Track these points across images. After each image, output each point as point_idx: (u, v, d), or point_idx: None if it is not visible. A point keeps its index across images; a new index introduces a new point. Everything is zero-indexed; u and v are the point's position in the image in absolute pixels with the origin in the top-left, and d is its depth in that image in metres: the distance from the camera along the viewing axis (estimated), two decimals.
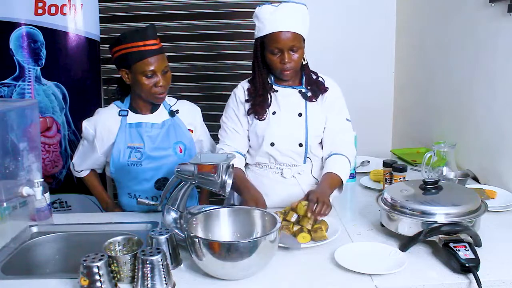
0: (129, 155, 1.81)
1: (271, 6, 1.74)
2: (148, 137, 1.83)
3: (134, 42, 1.72)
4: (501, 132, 2.02)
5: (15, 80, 2.55)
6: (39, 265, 1.66)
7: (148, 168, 1.82)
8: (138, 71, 1.73)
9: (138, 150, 1.80)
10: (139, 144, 1.81)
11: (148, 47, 1.72)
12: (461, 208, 1.49)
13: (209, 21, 3.10)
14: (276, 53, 1.74)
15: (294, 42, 1.72)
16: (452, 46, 2.44)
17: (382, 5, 3.14)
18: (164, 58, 1.78)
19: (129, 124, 1.83)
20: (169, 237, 1.41)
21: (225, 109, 1.93)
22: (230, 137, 1.89)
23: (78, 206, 2.71)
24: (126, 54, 1.74)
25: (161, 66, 1.75)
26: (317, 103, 1.86)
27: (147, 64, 1.72)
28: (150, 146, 1.82)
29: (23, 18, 2.50)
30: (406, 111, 3.13)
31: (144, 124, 1.84)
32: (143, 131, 1.83)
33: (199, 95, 3.09)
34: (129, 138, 1.82)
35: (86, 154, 1.94)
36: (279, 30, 1.70)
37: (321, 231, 1.53)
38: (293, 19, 1.72)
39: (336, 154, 1.83)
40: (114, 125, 1.83)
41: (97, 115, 1.89)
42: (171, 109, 1.89)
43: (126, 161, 1.81)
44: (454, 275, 1.34)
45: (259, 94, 1.83)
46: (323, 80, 1.88)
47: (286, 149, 1.84)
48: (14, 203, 1.66)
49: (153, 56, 1.73)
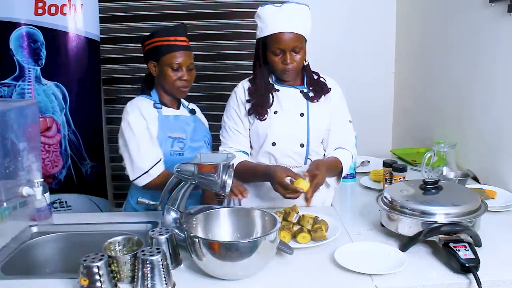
0: (172, 145, 1.85)
1: (273, 7, 1.73)
2: (188, 129, 1.91)
3: (165, 36, 1.83)
4: (501, 132, 2.02)
5: (15, 80, 2.55)
6: (39, 265, 1.66)
7: (188, 158, 1.84)
8: (166, 63, 1.83)
9: (180, 140, 1.87)
10: (181, 134, 1.88)
11: (178, 42, 1.84)
12: (461, 208, 1.48)
13: (209, 21, 3.11)
14: (278, 53, 1.74)
15: (296, 43, 1.71)
16: (452, 46, 2.44)
17: (382, 5, 3.14)
18: (190, 56, 1.88)
19: (166, 116, 1.89)
20: (169, 237, 1.40)
21: (226, 108, 1.93)
22: (233, 139, 1.88)
23: (78, 206, 2.71)
24: (156, 47, 1.84)
25: (187, 61, 1.85)
26: (320, 103, 1.85)
27: (175, 57, 1.82)
28: (190, 137, 1.90)
29: (23, 18, 2.51)
30: (406, 111, 3.13)
31: (182, 116, 1.93)
32: (183, 123, 1.91)
33: (199, 95, 3.09)
34: (168, 128, 1.87)
35: (145, 144, 1.81)
36: (282, 31, 1.70)
37: (321, 231, 1.53)
38: (296, 20, 1.71)
39: (340, 148, 1.88)
40: (154, 114, 1.87)
41: (135, 105, 1.85)
42: (190, 108, 2.01)
43: (169, 150, 1.85)
44: (454, 275, 1.34)
45: (260, 94, 1.83)
46: (325, 80, 1.89)
47: (287, 149, 1.84)
48: (14, 203, 1.66)
49: (180, 51, 1.83)
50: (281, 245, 1.41)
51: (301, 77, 1.87)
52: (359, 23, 3.14)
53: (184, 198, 1.58)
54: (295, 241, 1.54)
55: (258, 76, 1.83)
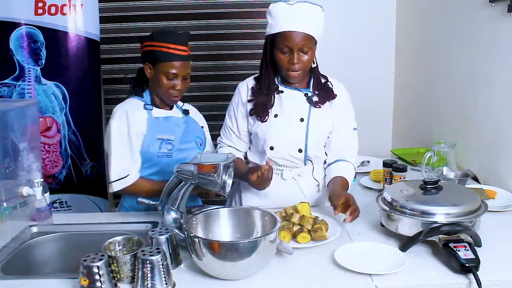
0: (160, 147, 1.83)
1: (286, 4, 1.72)
2: (178, 130, 1.88)
3: (165, 42, 1.76)
4: (501, 132, 2.02)
5: (15, 80, 2.55)
6: (39, 265, 1.66)
7: (177, 159, 1.82)
8: (162, 70, 1.78)
9: (169, 142, 1.83)
10: (170, 136, 1.84)
11: (177, 51, 1.77)
12: (461, 208, 1.49)
13: (209, 21, 3.10)
14: (285, 52, 1.73)
15: (305, 43, 1.70)
16: (452, 46, 2.44)
17: (382, 5, 3.14)
18: (188, 66, 1.82)
19: (157, 118, 1.86)
20: (169, 237, 1.40)
21: (229, 105, 1.95)
22: (227, 136, 1.95)
23: (78, 206, 2.71)
24: (155, 51, 1.77)
25: (183, 71, 1.79)
26: (324, 109, 1.84)
27: (171, 66, 1.77)
28: (179, 139, 1.87)
29: (23, 18, 2.50)
30: (406, 111, 3.13)
31: (172, 117, 1.89)
32: (173, 125, 1.88)
33: (199, 95, 3.09)
34: (157, 130, 1.84)
35: (116, 155, 1.81)
36: (291, 30, 1.69)
37: (321, 231, 1.53)
38: (307, 20, 1.70)
39: (342, 160, 1.88)
40: (143, 116, 1.84)
41: (123, 108, 1.83)
42: (183, 108, 1.97)
43: (156, 152, 1.82)
44: (454, 275, 1.34)
45: (263, 93, 1.82)
46: (332, 85, 1.87)
47: (286, 154, 1.83)
48: (14, 203, 1.66)
49: (178, 61, 1.77)
50: (281, 245, 1.41)
51: (307, 80, 1.86)
52: (359, 23, 3.14)
53: (184, 198, 1.58)
54: (295, 241, 1.54)
55: (264, 75, 1.82)
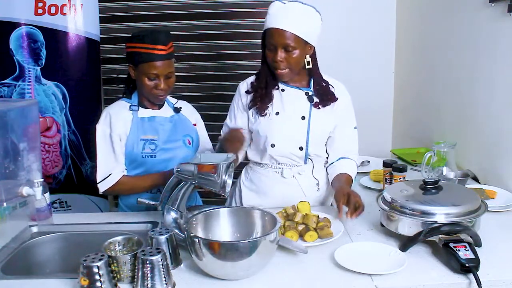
0: (143, 147, 1.83)
1: (280, 3, 1.75)
2: (162, 130, 1.87)
3: (144, 43, 1.76)
4: (501, 132, 2.02)
5: (15, 80, 2.55)
6: (39, 265, 1.66)
7: (161, 159, 1.84)
8: (142, 71, 1.78)
9: (152, 142, 1.84)
10: (153, 136, 1.85)
11: (156, 51, 1.76)
12: (461, 208, 1.49)
13: (208, 21, 3.10)
14: (271, 49, 1.76)
15: (289, 42, 1.71)
16: (452, 46, 2.44)
17: (382, 5, 3.14)
18: (170, 64, 1.81)
19: (142, 118, 1.86)
20: (169, 237, 1.40)
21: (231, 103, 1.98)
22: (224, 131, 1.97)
23: (78, 206, 2.71)
24: (135, 52, 1.78)
25: (164, 71, 1.78)
26: (325, 108, 1.85)
27: (152, 67, 1.76)
28: (163, 139, 1.86)
29: (23, 18, 2.50)
30: (406, 111, 3.13)
31: (157, 117, 1.89)
32: (157, 124, 1.87)
33: (199, 95, 3.09)
34: (142, 131, 1.85)
35: (101, 157, 1.84)
36: (275, 27, 1.72)
37: (327, 228, 1.55)
38: (295, 19, 1.71)
39: (345, 158, 1.89)
40: (128, 118, 1.85)
41: (108, 111, 1.85)
42: (175, 106, 1.96)
43: (140, 152, 1.83)
44: (454, 275, 1.34)
45: (261, 87, 1.84)
46: (333, 87, 1.88)
47: (286, 151, 1.84)
48: (14, 203, 1.66)
49: (159, 60, 1.76)
50: (293, 245, 1.43)
51: (308, 80, 1.88)
52: (359, 23, 3.14)
53: (184, 198, 1.58)
54: (302, 240, 1.55)
55: (261, 70, 1.86)
